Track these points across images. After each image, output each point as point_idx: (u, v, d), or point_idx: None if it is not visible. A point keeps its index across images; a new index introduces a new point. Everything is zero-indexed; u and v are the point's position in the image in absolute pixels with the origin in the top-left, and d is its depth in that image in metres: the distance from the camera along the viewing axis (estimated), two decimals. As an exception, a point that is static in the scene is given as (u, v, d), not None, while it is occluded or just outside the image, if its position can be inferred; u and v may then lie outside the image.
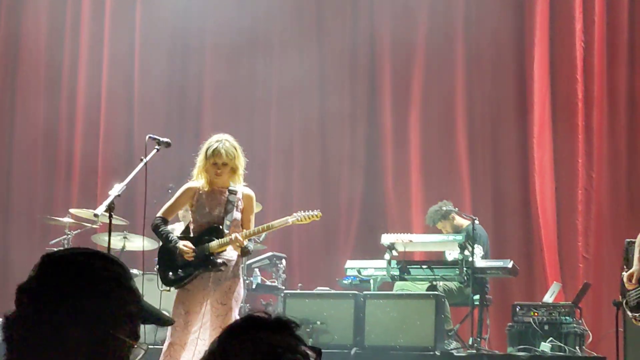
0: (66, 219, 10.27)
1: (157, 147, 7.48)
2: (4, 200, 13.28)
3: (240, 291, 7.39)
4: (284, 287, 10.40)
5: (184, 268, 7.29)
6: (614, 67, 11.58)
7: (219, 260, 7.27)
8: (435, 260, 10.28)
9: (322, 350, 2.00)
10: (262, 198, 11.24)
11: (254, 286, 10.44)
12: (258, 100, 13.02)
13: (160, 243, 7.56)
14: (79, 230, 10.34)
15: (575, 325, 9.16)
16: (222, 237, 7.28)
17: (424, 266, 9.80)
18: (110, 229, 7.39)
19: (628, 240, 8.79)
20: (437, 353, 8.75)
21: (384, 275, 9.77)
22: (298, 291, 10.11)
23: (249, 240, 7.38)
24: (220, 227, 7.32)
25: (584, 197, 11.51)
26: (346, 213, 12.46)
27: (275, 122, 12.86)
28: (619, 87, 11.55)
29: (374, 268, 9.86)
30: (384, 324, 9.00)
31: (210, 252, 7.27)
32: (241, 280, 7.45)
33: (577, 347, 9.04)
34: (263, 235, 10.54)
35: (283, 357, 1.89)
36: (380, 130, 12.53)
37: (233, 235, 7.19)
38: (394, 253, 9.76)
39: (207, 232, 7.36)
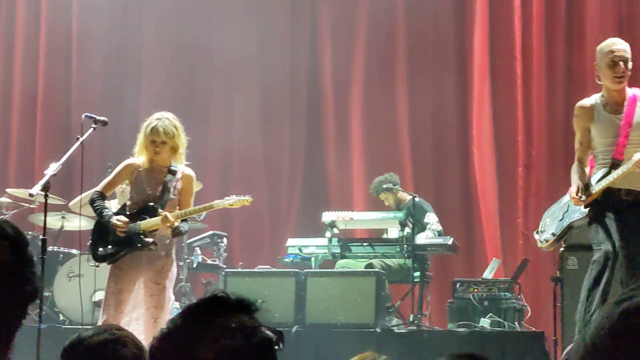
0: (3, 199, 10.13)
1: (93, 125, 7.39)
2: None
3: (174, 270, 7.35)
4: (224, 266, 10.37)
5: (115, 245, 7.24)
6: (552, 45, 11.66)
7: (149, 239, 7.21)
8: (376, 238, 10.32)
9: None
10: (202, 176, 11.21)
11: (194, 265, 10.40)
12: (198, 73, 12.90)
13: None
14: (16, 210, 10.21)
15: (514, 300, 9.24)
16: (156, 215, 7.23)
17: (365, 244, 9.83)
18: (45, 208, 7.30)
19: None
20: (378, 330, 8.78)
21: (325, 253, 9.78)
22: (239, 270, 10.08)
23: (183, 221, 7.32)
24: (156, 206, 7.26)
25: (523, 174, 11.60)
26: (287, 191, 12.44)
27: (216, 96, 12.78)
28: (558, 65, 11.63)
29: (315, 246, 9.87)
30: (325, 301, 9.01)
31: (141, 231, 7.21)
32: (174, 259, 7.40)
33: (516, 323, 9.12)
34: (204, 214, 10.51)
35: (247, 339, 1.86)
36: (322, 109, 12.51)
37: (164, 214, 7.15)
38: (335, 231, 9.78)
39: (142, 210, 7.31)
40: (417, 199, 10.03)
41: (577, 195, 6.97)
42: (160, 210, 7.24)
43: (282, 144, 12.58)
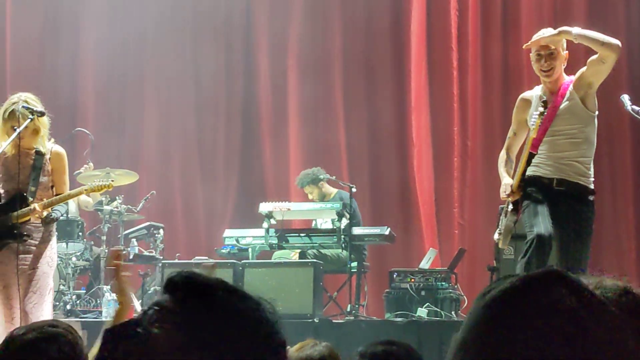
0: None
1: (30, 116, 7.28)
2: None
3: (53, 255, 7.18)
4: (161, 257, 10.30)
5: None
6: (487, 36, 11.75)
7: (21, 232, 7.03)
8: (313, 229, 10.33)
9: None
10: (136, 166, 11.15)
11: (131, 256, 10.32)
12: (132, 58, 12.78)
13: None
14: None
15: (451, 290, 9.30)
16: (26, 204, 7.06)
17: (302, 234, 9.83)
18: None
19: (501, 206, 8.95)
20: (316, 320, 8.79)
21: (262, 244, 9.77)
22: (176, 261, 10.03)
23: (54, 208, 7.13)
24: (26, 194, 7.09)
25: (459, 165, 11.68)
26: (224, 182, 12.41)
27: (152, 87, 12.70)
28: (493, 56, 11.72)
29: (252, 237, 9.85)
30: (262, 292, 8.85)
31: (12, 222, 7.07)
32: (53, 243, 7.21)
33: (453, 312, 9.18)
34: (140, 204, 10.45)
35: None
36: (258, 101, 12.49)
37: (32, 206, 6.98)
38: (272, 221, 9.76)
39: (13, 199, 7.12)
40: (344, 192, 10.14)
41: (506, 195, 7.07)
42: (30, 198, 7.06)
43: (217, 135, 12.54)
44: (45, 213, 7.04)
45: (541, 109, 6.76)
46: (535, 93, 7.11)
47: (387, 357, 2.80)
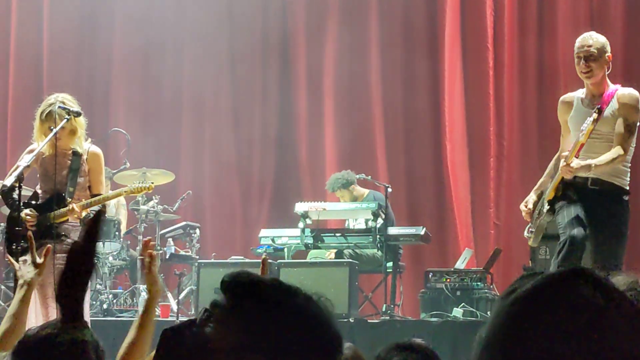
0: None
1: (67, 117, 7.33)
2: None
3: None
4: (197, 257, 10.35)
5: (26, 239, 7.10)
6: (523, 35, 11.69)
7: (59, 232, 7.10)
8: (348, 228, 10.33)
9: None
10: (172, 166, 11.20)
11: (167, 256, 10.38)
12: (169, 59, 12.82)
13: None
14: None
15: (486, 290, 9.27)
16: (64, 204, 7.12)
17: (338, 234, 9.84)
18: (20, 200, 7.22)
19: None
20: (351, 320, 8.79)
21: (298, 244, 9.79)
22: (212, 260, 10.07)
23: (92, 208, 7.13)
24: (63, 194, 7.16)
25: (495, 165, 11.64)
26: (259, 182, 12.44)
27: (188, 90, 12.74)
28: (529, 55, 11.67)
29: (287, 237, 9.86)
30: (298, 292, 8.99)
31: (51, 223, 7.14)
32: None
33: (488, 312, 9.15)
34: (177, 204, 10.51)
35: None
36: (294, 99, 12.52)
37: (71, 206, 7.05)
38: (308, 221, 9.78)
39: (51, 199, 7.18)
40: (377, 192, 10.16)
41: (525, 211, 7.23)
42: (69, 199, 7.14)
43: (253, 134, 12.56)
44: (83, 214, 7.10)
45: (595, 116, 6.76)
46: (577, 95, 7.11)
47: None
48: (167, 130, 12.61)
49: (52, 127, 7.07)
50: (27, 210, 7.16)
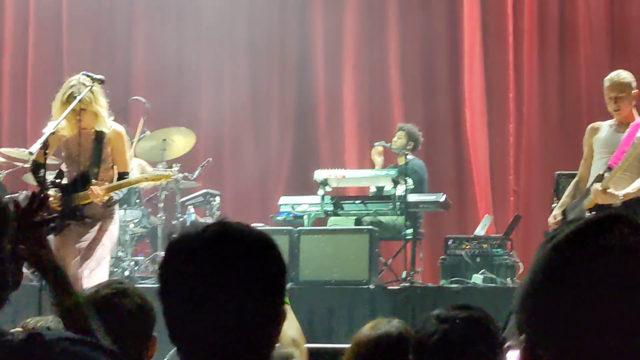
0: (-3, 159, 10.12)
1: (90, 84, 7.35)
2: None
3: (114, 230, 7.35)
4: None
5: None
6: (544, 2, 11.64)
7: (84, 214, 7.19)
8: (368, 195, 10.34)
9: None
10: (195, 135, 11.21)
11: (188, 224, 10.41)
12: (186, 31, 12.81)
13: None
14: (10, 170, 10.20)
15: (506, 257, 9.28)
16: (89, 184, 7.18)
17: (357, 201, 9.85)
18: (45, 166, 7.27)
19: (558, 172, 8.92)
20: (372, 287, 8.82)
21: (318, 211, 9.80)
22: (232, 228, 10.08)
23: (116, 192, 7.30)
24: (88, 174, 7.23)
25: (514, 131, 11.62)
26: (278, 149, 12.45)
27: (205, 56, 12.72)
28: (550, 22, 11.61)
29: (307, 204, 9.88)
30: (318, 259, 9.04)
31: (76, 204, 7.21)
32: (115, 219, 7.39)
33: (508, 279, 9.18)
34: (197, 172, 10.53)
35: None
36: (312, 65, 12.49)
37: (94, 189, 7.11)
38: (327, 189, 9.79)
39: (76, 180, 7.26)
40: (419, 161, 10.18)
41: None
42: (94, 180, 7.20)
43: (271, 103, 12.56)
44: (106, 198, 7.18)
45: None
46: (606, 123, 7.78)
47: (466, 322, 2.81)
48: (185, 99, 12.62)
49: (74, 109, 7.09)
50: (51, 192, 7.22)
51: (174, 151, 10.19)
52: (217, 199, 10.59)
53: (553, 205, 8.36)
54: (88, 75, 7.24)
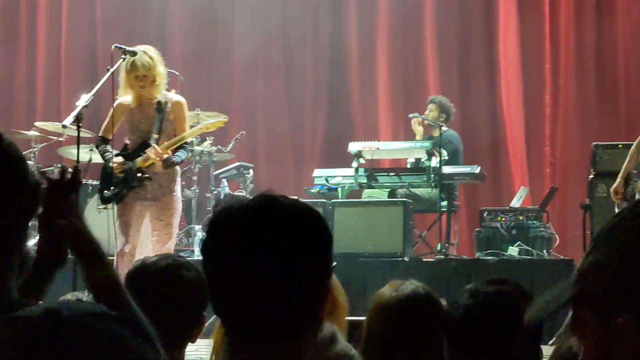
0: (32, 132, 10.13)
1: (123, 56, 7.37)
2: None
3: (178, 206, 7.47)
4: (251, 197, 10.34)
5: (117, 185, 7.38)
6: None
7: (144, 175, 7.31)
8: (402, 167, 10.28)
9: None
10: (225, 107, 11.19)
11: (221, 196, 10.41)
12: (220, 13, 12.77)
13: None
14: (44, 144, 10.23)
15: (542, 229, 9.23)
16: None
17: (392, 173, 9.80)
18: (78, 139, 7.32)
19: (595, 143, 8.83)
20: (406, 259, 8.80)
21: (352, 184, 9.76)
22: (266, 201, 10.06)
23: (180, 149, 7.42)
24: (150, 142, 7.34)
25: (550, 103, 11.52)
26: (312, 122, 12.41)
27: (239, 32, 12.67)
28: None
29: (341, 176, 9.84)
30: (352, 231, 9.02)
31: (136, 168, 7.32)
32: (177, 194, 7.49)
33: (544, 251, 9.12)
34: (230, 145, 10.52)
35: None
36: (345, 38, 12.43)
37: (153, 148, 7.23)
38: (362, 161, 9.75)
39: (139, 147, 7.40)
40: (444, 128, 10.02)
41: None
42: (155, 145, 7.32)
43: (305, 75, 12.51)
44: (165, 156, 7.22)
45: None
46: None
47: (500, 296, 2.76)
48: (219, 71, 12.59)
49: (137, 76, 7.24)
50: (115, 158, 7.37)
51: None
52: (251, 171, 10.58)
53: (590, 176, 8.30)
54: (120, 48, 7.29)
